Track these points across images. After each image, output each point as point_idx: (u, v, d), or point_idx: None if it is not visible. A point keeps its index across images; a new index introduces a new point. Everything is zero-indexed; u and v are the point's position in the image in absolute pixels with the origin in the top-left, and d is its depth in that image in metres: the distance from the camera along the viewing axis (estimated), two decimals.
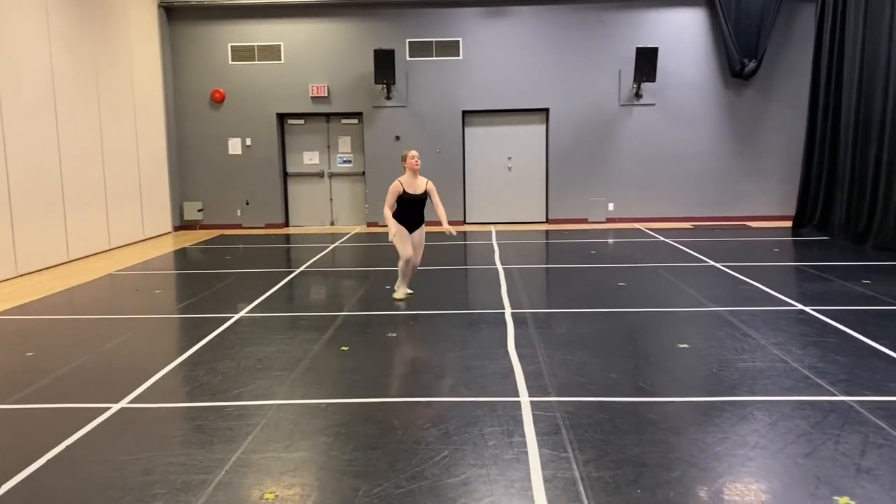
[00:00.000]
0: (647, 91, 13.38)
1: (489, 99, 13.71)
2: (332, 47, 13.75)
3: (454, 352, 5.26)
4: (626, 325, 6.08)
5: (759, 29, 12.84)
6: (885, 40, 10.07)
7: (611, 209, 13.88)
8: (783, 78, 13.24)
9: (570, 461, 3.39)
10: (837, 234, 11.18)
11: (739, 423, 3.85)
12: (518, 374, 4.71)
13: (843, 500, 3.00)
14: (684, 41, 13.35)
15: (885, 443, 3.55)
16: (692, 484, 3.16)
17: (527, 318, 6.27)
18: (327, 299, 7.65)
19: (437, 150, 13.80)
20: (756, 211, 13.58)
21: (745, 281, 7.78)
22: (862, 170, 10.69)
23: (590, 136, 13.69)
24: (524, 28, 13.54)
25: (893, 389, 4.30)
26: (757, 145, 13.48)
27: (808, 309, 6.42)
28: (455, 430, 3.77)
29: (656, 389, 4.40)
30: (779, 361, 4.91)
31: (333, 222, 14.46)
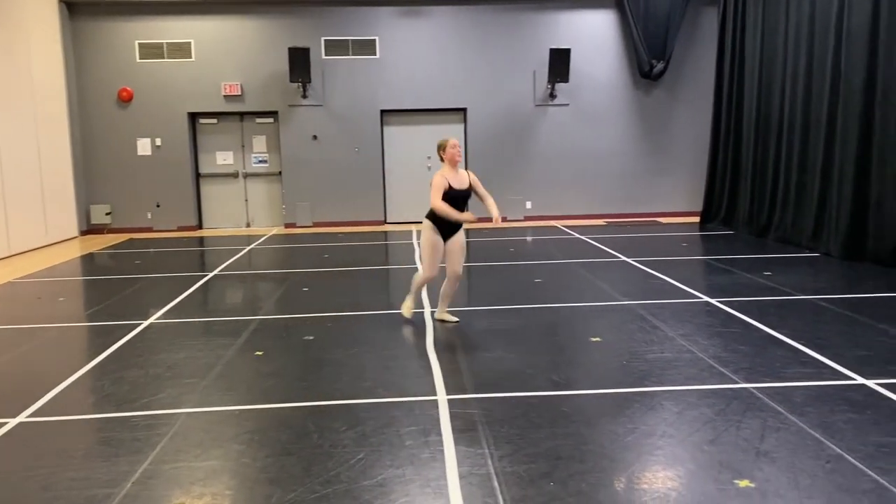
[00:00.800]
0: (561, 91, 13.66)
1: (407, 98, 13.71)
2: (245, 45, 13.45)
3: (372, 353, 5.23)
4: (541, 320, 6.19)
5: (667, 31, 13.30)
6: (780, 42, 10.60)
7: (528, 207, 14.10)
8: (689, 78, 13.76)
9: (485, 457, 3.42)
10: (741, 229, 11.71)
11: (648, 412, 3.98)
12: (436, 372, 4.73)
13: (744, 482, 3.14)
14: (596, 43, 13.69)
15: (783, 426, 3.73)
16: (603, 474, 3.24)
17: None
18: (242, 303, 7.48)
19: (355, 150, 13.71)
20: (666, 207, 14.06)
21: (655, 275, 8.04)
22: (763, 167, 11.22)
23: (507, 136, 13.87)
24: (441, 28, 13.60)
25: (791, 376, 4.53)
26: (666, 144, 13.96)
27: (713, 301, 6.69)
28: (372, 432, 3.75)
29: (570, 383, 4.49)
30: (686, 352, 5.10)
31: (249, 224, 14.16)
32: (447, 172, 5.78)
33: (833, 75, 9.17)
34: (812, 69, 9.74)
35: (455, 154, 5.78)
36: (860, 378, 4.44)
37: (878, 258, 8.26)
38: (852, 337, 5.38)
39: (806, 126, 9.91)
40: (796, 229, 10.10)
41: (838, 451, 3.42)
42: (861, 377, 4.45)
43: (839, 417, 3.84)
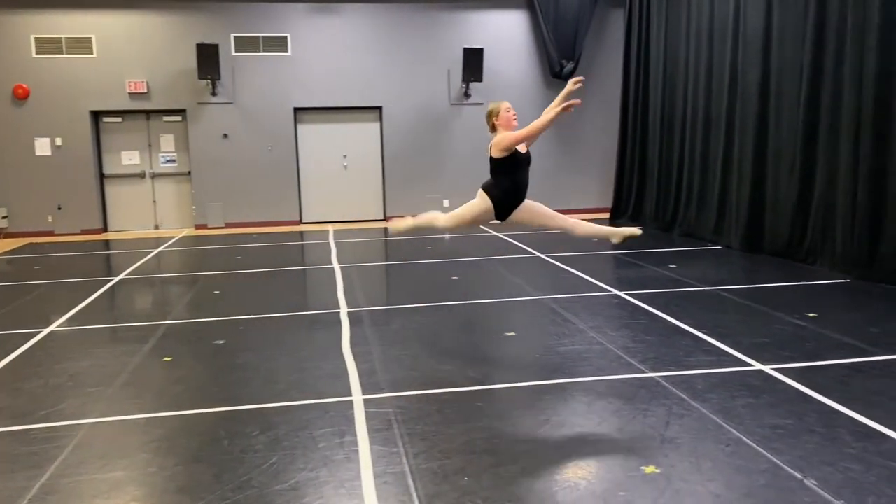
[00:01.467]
0: (476, 90, 13.79)
1: (321, 96, 13.55)
2: (151, 41, 12.98)
3: (286, 355, 5.15)
4: (458, 317, 6.24)
5: (576, 32, 13.62)
6: (682, 44, 11.03)
7: (446, 205, 14.15)
8: (598, 79, 14.12)
9: (400, 456, 3.43)
10: (649, 224, 12.12)
11: (560, 404, 4.07)
12: (352, 373, 4.70)
13: (650, 468, 3.25)
14: (508, 43, 13.89)
15: (686, 413, 3.89)
16: (516, 466, 3.29)
17: (363, 317, 6.26)
18: (150, 308, 7.23)
19: (268, 149, 13.45)
20: (578, 204, 14.40)
21: (567, 270, 8.23)
22: (668, 164, 11.65)
23: (423, 135, 13.90)
24: (354, 26, 13.50)
25: (694, 364, 4.72)
26: (577, 142, 14.30)
27: (622, 294, 6.91)
28: (285, 436, 3.69)
29: (484, 378, 4.55)
30: (596, 344, 5.24)
31: (158, 226, 13.68)
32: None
33: (731, 76, 9.61)
34: (712, 70, 10.18)
35: (511, 118, 5.11)
36: (758, 364, 4.67)
37: (775, 250, 8.71)
38: (751, 325, 5.66)
39: (707, 125, 10.35)
40: (700, 224, 10.54)
41: (737, 435, 3.59)
42: (758, 363, 4.68)
43: (738, 402, 4.03)
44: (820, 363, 4.64)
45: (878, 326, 5.49)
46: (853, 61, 7.34)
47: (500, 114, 5.14)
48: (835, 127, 7.67)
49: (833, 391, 4.13)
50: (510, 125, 5.10)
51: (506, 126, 5.10)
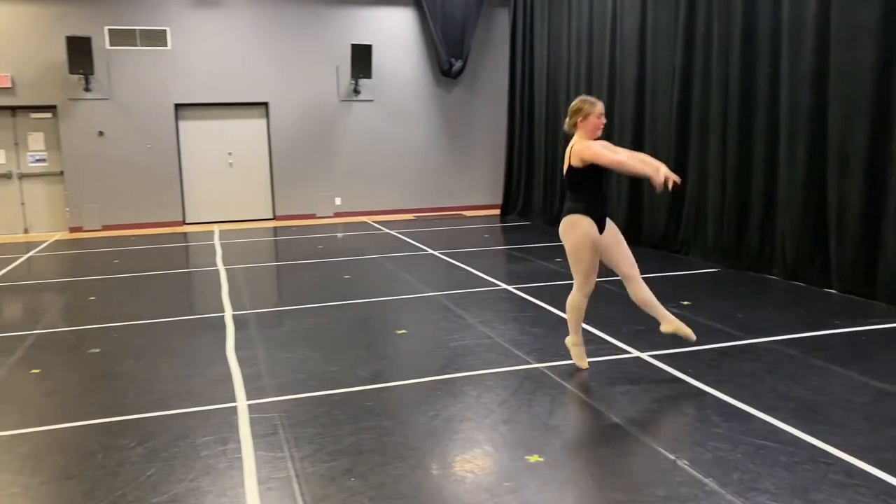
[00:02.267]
0: (365, 87, 13.70)
1: (204, 92, 13.07)
2: (15, 32, 12.11)
3: (167, 363, 4.94)
4: (349, 316, 6.18)
5: (463, 31, 13.78)
6: (565, 45, 11.38)
7: (338, 203, 14.01)
8: (486, 77, 14.34)
9: (286, 460, 3.36)
10: (537, 219, 12.44)
11: (449, 399, 4.11)
12: (236, 378, 4.56)
13: (534, 457, 3.33)
14: (397, 40, 13.88)
15: (569, 401, 4.02)
16: (404, 464, 3.30)
17: (249, 320, 6.09)
18: (18, 317, 6.76)
19: (147, 146, 12.86)
20: (470, 201, 14.58)
21: (459, 266, 8.33)
22: (554, 161, 11.98)
23: (312, 131, 13.68)
24: (238, 19, 13.10)
25: None
26: (467, 139, 14.47)
27: (510, 288, 7.05)
28: (164, 446, 3.54)
29: (375, 377, 4.53)
30: (485, 338, 5.32)
31: (27, 230, 12.80)
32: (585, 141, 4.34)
33: (609, 76, 9.99)
34: (592, 70, 10.56)
35: (599, 126, 4.34)
36: (636, 351, 4.89)
37: (652, 242, 9.14)
38: (629, 314, 5.86)
39: None
40: None
41: (616, 420, 3.73)
42: (637, 350, 4.90)
43: (617, 388, 4.20)
44: (693, 349, 4.89)
45: (744, 312, 5.85)
46: (719, 64, 7.79)
47: (588, 117, 4.30)
48: (704, 125, 8.11)
49: (704, 375, 4.38)
50: (594, 134, 4.35)
51: (589, 133, 4.33)
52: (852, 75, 6.20)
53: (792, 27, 6.82)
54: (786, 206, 7.01)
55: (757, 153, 7.35)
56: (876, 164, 6.09)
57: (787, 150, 6.93)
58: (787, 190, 6.97)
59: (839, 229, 6.42)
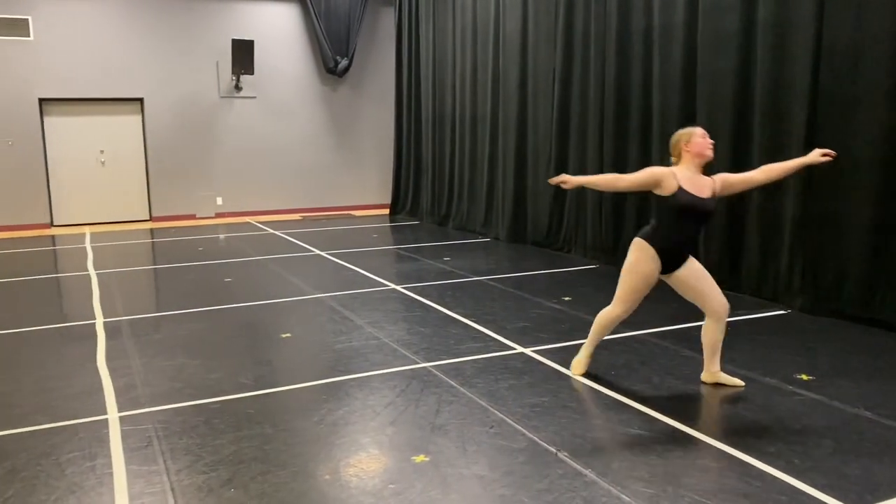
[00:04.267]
0: (247, 84, 13.30)
1: (72, 86, 12.29)
2: None
3: (29, 375, 4.60)
4: (231, 321, 5.97)
5: (348, 29, 13.64)
6: (450, 45, 11.48)
7: (220, 203, 13.54)
8: (372, 76, 14.26)
9: (160, 473, 3.19)
10: (426, 218, 12.50)
11: (335, 402, 4.04)
12: (107, 389, 4.30)
13: (420, 458, 3.33)
14: (280, 36, 13.56)
15: (455, 399, 4.04)
16: (286, 471, 3.21)
17: (122, 327, 5.77)
18: None
19: (9, 143, 11.96)
20: (359, 200, 14.47)
21: (347, 266, 8.23)
22: (440, 160, 12.09)
23: (192, 129, 13.14)
24: (108, 10, 12.39)
25: (463, 351, 4.93)
26: (355, 138, 14.35)
27: (399, 287, 7.03)
28: (23, 465, 3.29)
29: (257, 383, 4.39)
30: (373, 339, 5.28)
31: None
32: (682, 172, 3.95)
33: (494, 76, 10.16)
34: (477, 71, 10.70)
35: (706, 147, 3.94)
36: (519, 347, 4.98)
37: (536, 241, 9.38)
38: (514, 311, 6.03)
39: (474, 122, 10.88)
40: (471, 217, 11.06)
41: (500, 416, 3.79)
42: (520, 346, 5.00)
43: (502, 384, 4.26)
44: (574, 343, 5.04)
45: None
46: (596, 67, 8.09)
47: (690, 140, 3.94)
48: (583, 127, 8.40)
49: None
50: (703, 155, 3.94)
51: (697, 153, 3.93)
52: (715, 78, 6.59)
53: (663, 32, 7.17)
54: None
55: (631, 153, 7.68)
56: (738, 163, 6.50)
57: (660, 150, 7.27)
58: None
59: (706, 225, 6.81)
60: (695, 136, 3.95)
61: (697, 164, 3.96)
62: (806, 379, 4.26)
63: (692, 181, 3.93)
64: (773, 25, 6.02)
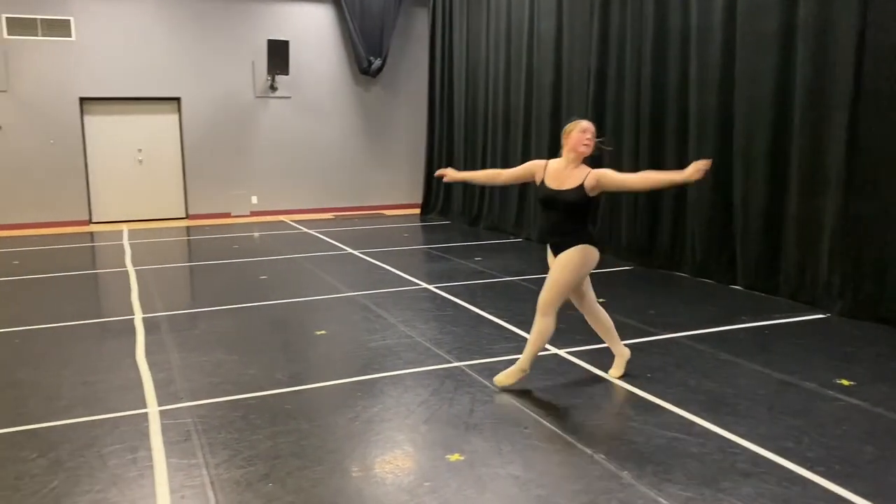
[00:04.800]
0: (282, 84, 13.44)
1: (112, 86, 12.53)
2: None
3: (72, 369, 4.70)
4: (266, 318, 6.04)
5: (382, 29, 13.71)
6: (483, 45, 11.48)
7: (254, 202, 13.70)
8: (406, 76, 14.32)
9: (200, 467, 3.25)
10: (457, 218, 12.51)
11: (369, 400, 4.07)
12: (147, 383, 4.39)
13: (455, 456, 3.34)
14: (315, 36, 13.67)
15: (489, 399, 4.05)
16: (322, 467, 3.24)
17: (160, 323, 5.87)
18: None
19: (50, 142, 12.23)
20: (390, 200, 14.53)
21: (379, 265, 8.28)
22: (473, 160, 12.08)
23: (227, 128, 13.32)
24: (148, 11, 12.61)
25: (497, 351, 4.93)
26: (387, 138, 14.41)
27: (431, 287, 7.05)
28: (68, 457, 3.36)
29: (293, 379, 4.44)
30: (405, 337, 5.30)
31: None
32: (557, 164, 4.11)
33: (527, 76, 10.14)
34: (510, 70, 10.69)
35: (581, 141, 3.99)
36: (553, 348, 4.96)
37: None
38: None
39: (507, 122, 10.86)
40: (502, 217, 11.04)
41: (535, 417, 3.78)
42: (554, 348, 4.98)
43: (537, 385, 4.25)
44: (607, 345, 5.00)
45: (655, 309, 6.05)
46: (632, 66, 8.03)
47: (571, 133, 4.04)
48: (618, 126, 8.34)
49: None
50: (576, 150, 4.02)
51: (571, 148, 4.03)
52: (754, 79, 6.50)
53: (700, 32, 7.09)
54: (695, 206, 7.28)
55: (668, 154, 7.60)
56: (777, 165, 6.41)
57: (696, 151, 7.19)
58: (695, 189, 7.24)
59: (744, 228, 6.73)
60: (574, 131, 4.04)
61: (573, 157, 4.05)
62: (846, 384, 4.19)
63: (559, 173, 4.07)
64: (814, 25, 5.92)
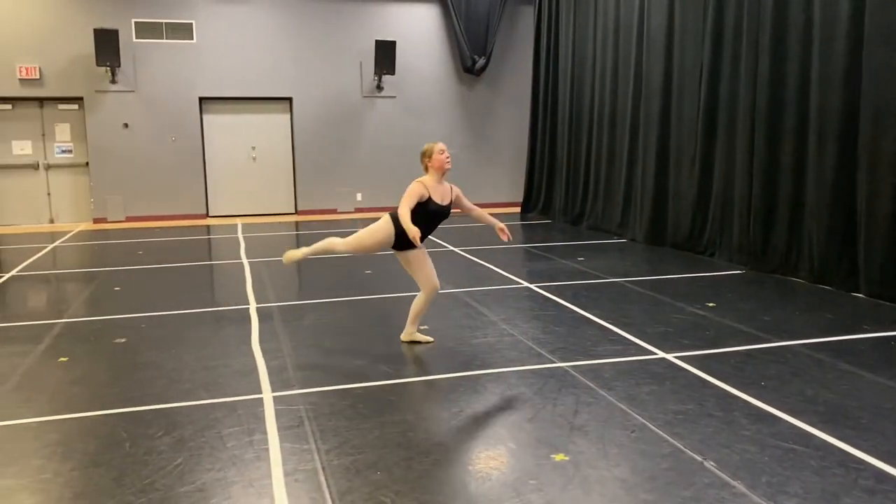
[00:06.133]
0: (388, 83, 13.72)
1: (229, 86, 13.16)
2: (43, 24, 12.27)
3: (192, 353, 4.98)
4: (371, 311, 6.19)
5: (487, 28, 13.76)
6: (590, 43, 11.31)
7: (359, 199, 14.05)
8: (509, 75, 14.31)
9: (311, 452, 3.37)
10: (558, 217, 12.40)
11: (473, 395, 4.10)
12: (261, 370, 4.59)
13: (559, 456, 3.32)
14: (421, 36, 13.88)
15: (594, 401, 4.00)
16: (428, 459, 3.30)
17: (273, 312, 6.13)
18: (44, 306, 6.85)
19: (172, 139, 12.97)
20: (490, 198, 14.55)
21: (480, 263, 8.32)
22: (576, 159, 11.94)
23: (335, 127, 13.72)
24: (262, 14, 13.17)
25: (601, 353, 4.86)
26: (488, 137, 14.46)
27: (532, 286, 7.03)
28: (191, 436, 3.57)
29: (397, 371, 4.53)
30: (507, 335, 5.31)
31: (53, 220, 12.96)
32: (430, 182, 4.88)
33: (636, 74, 9.92)
34: (618, 68, 10.49)
35: (444, 161, 4.87)
36: (660, 352, 4.85)
37: (676, 243, 9.07)
38: (653, 315, 5.87)
39: (613, 121, 10.67)
40: (606, 217, 10.86)
41: (642, 421, 3.71)
42: (661, 351, 4.86)
43: (643, 389, 4.17)
44: (718, 350, 4.85)
45: (770, 315, 5.80)
46: (748, 63, 7.71)
47: (432, 155, 4.90)
48: (732, 125, 8.04)
49: (730, 377, 4.34)
50: (442, 168, 4.88)
51: (437, 168, 4.88)
52: (884, 76, 6.11)
53: (824, 26, 6.73)
54: (813, 208, 6.92)
55: (785, 154, 7.27)
56: None
57: (816, 152, 6.84)
58: (815, 192, 6.89)
59: (868, 233, 6.34)
60: (434, 153, 4.89)
61: (439, 176, 4.91)
62: None
63: (436, 190, 4.90)
64: None
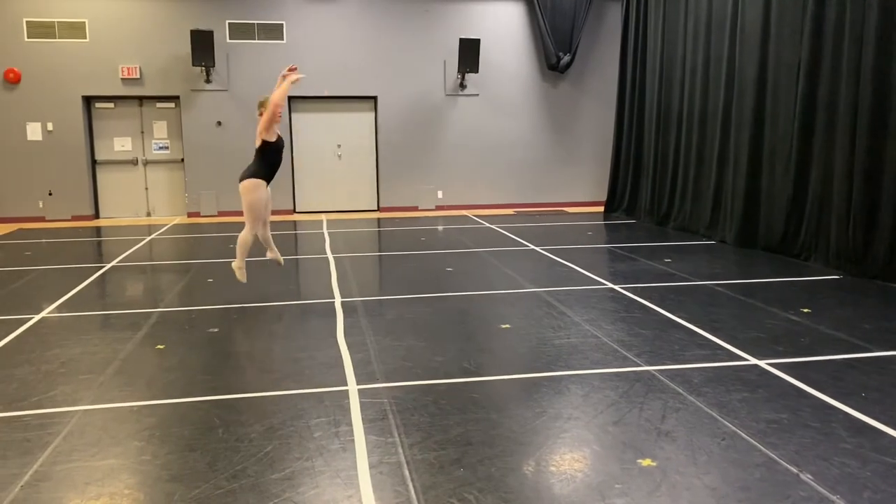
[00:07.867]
0: (471, 82, 13.74)
1: (316, 85, 13.44)
2: (144, 26, 12.86)
3: (281, 344, 5.13)
4: (452, 308, 6.22)
5: (573, 25, 13.58)
6: (680, 39, 11.00)
7: (440, 197, 14.14)
8: (594, 72, 14.10)
9: (396, 446, 3.41)
10: (643, 217, 12.13)
11: (556, 396, 4.06)
12: (346, 362, 4.68)
13: (646, 461, 3.25)
14: (505, 34, 13.83)
15: (682, 406, 3.89)
16: (512, 458, 3.29)
17: (357, 307, 6.24)
18: (142, 295, 7.18)
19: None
20: (572, 197, 14.40)
21: (562, 262, 8.23)
22: (663, 158, 11.65)
23: (418, 125, 13.85)
24: (349, 14, 13.41)
25: (689, 358, 4.72)
26: (572, 135, 14.28)
27: (616, 287, 6.90)
28: (280, 425, 3.67)
29: (479, 369, 4.53)
30: (591, 337, 5.23)
31: (150, 213, 13.60)
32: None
33: (728, 71, 9.59)
34: (709, 65, 10.16)
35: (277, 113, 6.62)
36: (752, 359, 4.68)
37: (768, 246, 8.73)
38: (745, 319, 5.66)
39: (703, 119, 10.35)
40: (694, 218, 10.55)
41: (733, 429, 3.59)
42: (753, 358, 4.69)
43: (734, 396, 4.03)
44: (814, 358, 4.65)
45: (871, 323, 5.50)
46: (850, 58, 7.33)
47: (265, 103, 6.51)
48: (831, 123, 7.67)
49: (827, 386, 4.14)
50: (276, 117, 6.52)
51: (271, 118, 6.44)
52: None
53: None
54: None
55: (890, 153, 6.89)
56: None
57: None
58: None
59: None
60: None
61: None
62: None
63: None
64: None
